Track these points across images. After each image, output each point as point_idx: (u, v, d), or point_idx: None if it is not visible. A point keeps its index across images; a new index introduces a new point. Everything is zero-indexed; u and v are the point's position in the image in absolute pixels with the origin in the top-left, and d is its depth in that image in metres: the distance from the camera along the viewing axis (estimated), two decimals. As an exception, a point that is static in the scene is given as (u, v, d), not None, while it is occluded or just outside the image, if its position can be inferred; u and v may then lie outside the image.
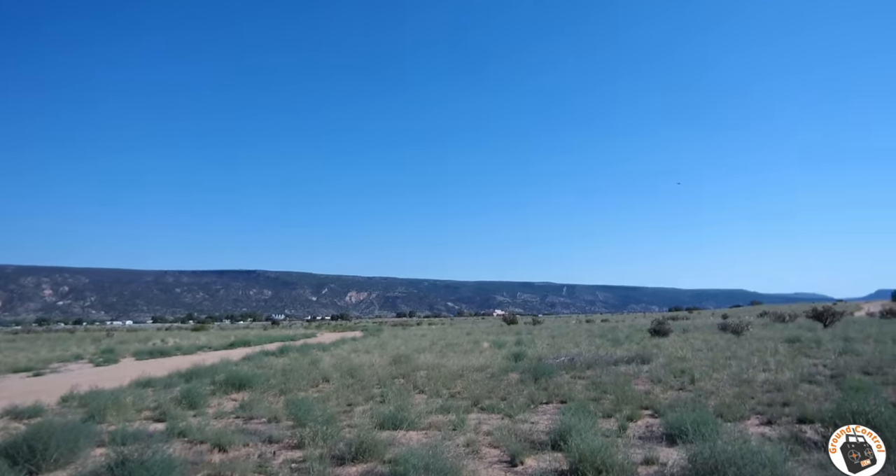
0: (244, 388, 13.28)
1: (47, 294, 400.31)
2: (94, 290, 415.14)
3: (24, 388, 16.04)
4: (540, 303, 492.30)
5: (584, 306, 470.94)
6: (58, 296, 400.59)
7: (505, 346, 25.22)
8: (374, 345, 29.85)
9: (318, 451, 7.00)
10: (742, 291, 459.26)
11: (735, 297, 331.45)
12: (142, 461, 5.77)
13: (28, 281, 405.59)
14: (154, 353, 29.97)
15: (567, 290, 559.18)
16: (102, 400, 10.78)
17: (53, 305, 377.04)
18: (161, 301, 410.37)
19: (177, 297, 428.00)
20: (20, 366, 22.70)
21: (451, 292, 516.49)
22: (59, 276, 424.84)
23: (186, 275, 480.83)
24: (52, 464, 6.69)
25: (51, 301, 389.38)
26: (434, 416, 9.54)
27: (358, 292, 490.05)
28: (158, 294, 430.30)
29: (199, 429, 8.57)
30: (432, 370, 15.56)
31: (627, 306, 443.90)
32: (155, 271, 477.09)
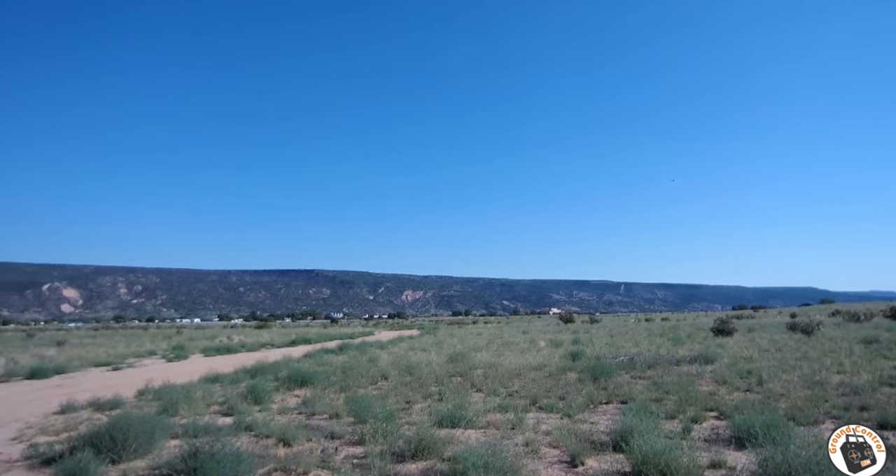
0: (306, 384, 13.63)
1: (122, 293, 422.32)
2: (165, 289, 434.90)
3: (104, 381, 17.00)
4: (597, 301, 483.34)
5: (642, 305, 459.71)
6: (132, 294, 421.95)
7: (562, 345, 24.93)
8: (430, 343, 30.07)
9: (378, 448, 7.11)
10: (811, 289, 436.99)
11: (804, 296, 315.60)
12: (212, 453, 6.01)
13: (105, 280, 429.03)
14: (220, 350, 31.16)
15: (625, 288, 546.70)
16: (175, 394, 11.33)
17: (128, 303, 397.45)
18: (226, 300, 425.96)
19: (240, 295, 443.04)
20: (100, 360, 24.20)
21: (507, 291, 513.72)
22: (132, 275, 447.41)
23: (249, 274, 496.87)
24: (132, 453, 7.06)
25: (126, 299, 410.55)
26: (492, 414, 9.53)
27: (413, 291, 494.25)
28: (223, 293, 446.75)
29: (264, 423, 8.85)
30: (489, 369, 15.55)
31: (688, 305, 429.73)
32: (220, 271, 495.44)
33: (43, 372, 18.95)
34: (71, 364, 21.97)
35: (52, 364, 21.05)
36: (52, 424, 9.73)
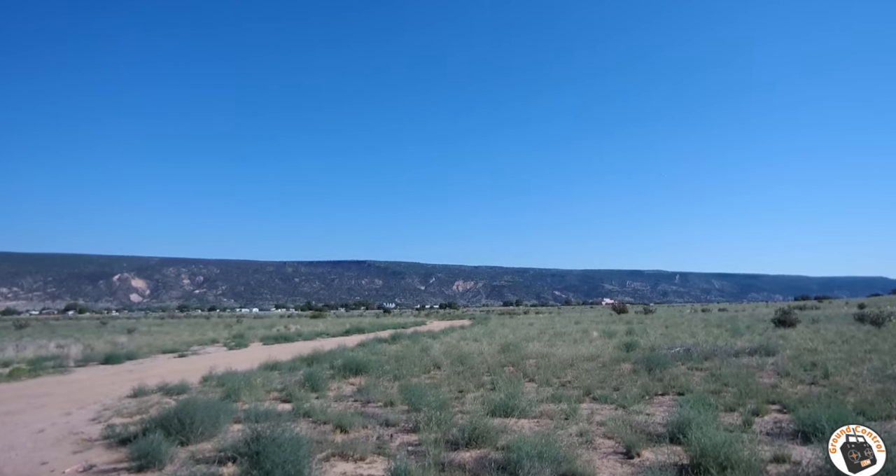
0: (360, 373, 13.93)
1: (186, 283, 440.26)
2: (225, 280, 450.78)
3: (171, 367, 17.85)
4: (651, 291, 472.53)
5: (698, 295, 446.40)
6: (194, 285, 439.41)
7: (615, 335, 24.57)
8: (482, 333, 30.15)
9: (432, 436, 7.23)
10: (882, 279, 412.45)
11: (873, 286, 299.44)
12: (273, 438, 6.23)
13: (170, 271, 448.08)
14: (278, 339, 32.15)
15: (680, 277, 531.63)
16: (236, 380, 11.80)
17: (191, 293, 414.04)
18: (282, 290, 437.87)
19: (296, 286, 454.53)
20: (167, 348, 25.43)
21: (558, 281, 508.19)
22: (195, 266, 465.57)
23: (304, 265, 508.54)
24: (198, 436, 7.43)
25: (189, 289, 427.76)
26: (545, 404, 9.52)
27: (465, 281, 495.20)
28: (280, 283, 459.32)
29: (321, 410, 9.13)
30: (541, 359, 15.49)
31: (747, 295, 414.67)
32: (276, 262, 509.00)
33: (116, 358, 20.10)
34: (140, 351, 23.18)
35: (123, 350, 22.29)
36: (125, 407, 10.32)
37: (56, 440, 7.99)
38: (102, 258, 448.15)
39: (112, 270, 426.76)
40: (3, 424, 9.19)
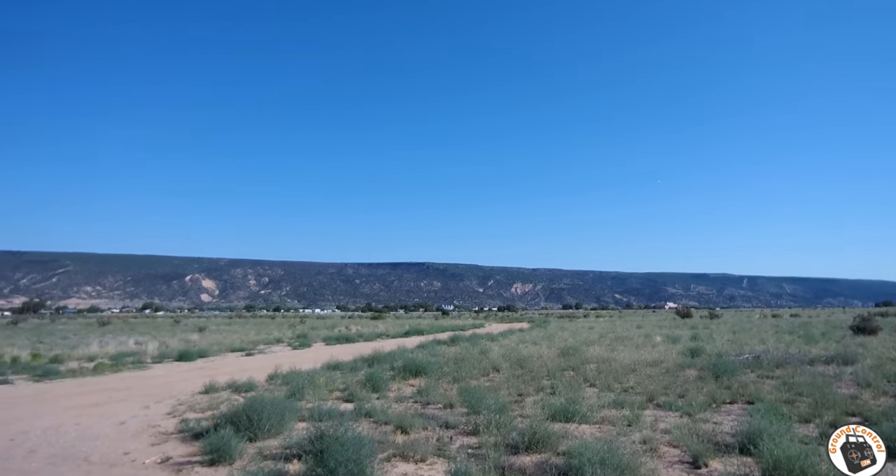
0: (420, 374, 14.07)
1: (252, 284, 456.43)
2: (289, 281, 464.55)
3: (239, 365, 18.56)
4: (716, 295, 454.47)
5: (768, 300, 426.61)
6: (260, 285, 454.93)
7: (679, 340, 23.84)
8: (541, 336, 29.87)
9: (492, 439, 7.22)
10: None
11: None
12: (337, 437, 6.40)
13: (237, 272, 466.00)
14: (340, 339, 32.89)
15: (748, 281, 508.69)
16: (300, 380, 12.14)
17: (257, 294, 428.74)
18: (343, 291, 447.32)
19: (356, 287, 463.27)
20: (235, 346, 26.48)
21: (619, 284, 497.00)
22: (260, 268, 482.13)
23: (364, 267, 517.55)
24: (266, 433, 7.70)
25: (255, 290, 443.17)
26: (607, 410, 9.34)
27: (523, 284, 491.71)
28: (341, 285, 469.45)
29: (382, 411, 9.28)
30: (602, 363, 15.22)
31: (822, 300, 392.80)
32: (337, 264, 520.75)
33: (188, 355, 21.10)
34: (211, 349, 24.21)
35: (195, 348, 23.35)
36: (198, 403, 10.81)
37: (136, 432, 8.46)
38: (176, 259, 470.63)
39: (184, 271, 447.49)
40: (90, 416, 9.81)
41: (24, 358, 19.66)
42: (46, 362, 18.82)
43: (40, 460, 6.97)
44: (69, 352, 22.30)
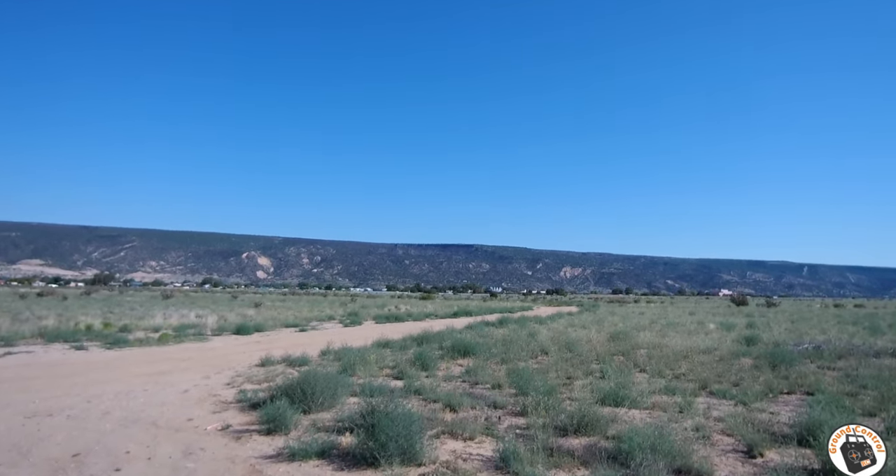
0: (468, 354, 14.19)
1: (305, 262, 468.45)
2: (340, 260, 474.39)
3: (292, 340, 19.15)
4: (774, 283, 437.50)
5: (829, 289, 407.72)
6: (313, 264, 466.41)
7: (734, 328, 23.17)
8: (590, 320, 29.58)
9: (540, 420, 7.24)
10: None
11: None
12: (387, 412, 6.54)
13: (291, 251, 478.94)
14: (389, 318, 33.44)
15: (808, 270, 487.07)
16: (351, 356, 12.46)
17: (310, 272, 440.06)
18: (393, 271, 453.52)
19: (406, 268, 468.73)
20: (289, 322, 27.36)
21: (671, 269, 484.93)
22: (313, 247, 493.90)
23: (414, 248, 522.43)
24: (318, 406, 7.95)
25: (307, 268, 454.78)
26: (657, 396, 9.21)
27: (572, 267, 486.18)
28: (391, 265, 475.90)
29: (431, 389, 9.44)
30: (653, 349, 14.97)
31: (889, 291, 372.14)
32: (387, 244, 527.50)
33: (245, 329, 21.92)
34: (266, 324, 25.06)
35: (252, 323, 24.22)
36: (255, 375, 11.25)
37: (198, 400, 8.89)
38: (234, 237, 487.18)
39: (241, 249, 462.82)
40: (156, 383, 10.36)
41: (97, 327, 20.86)
42: (116, 331, 19.92)
43: (113, 422, 7.42)
44: (136, 322, 23.53)
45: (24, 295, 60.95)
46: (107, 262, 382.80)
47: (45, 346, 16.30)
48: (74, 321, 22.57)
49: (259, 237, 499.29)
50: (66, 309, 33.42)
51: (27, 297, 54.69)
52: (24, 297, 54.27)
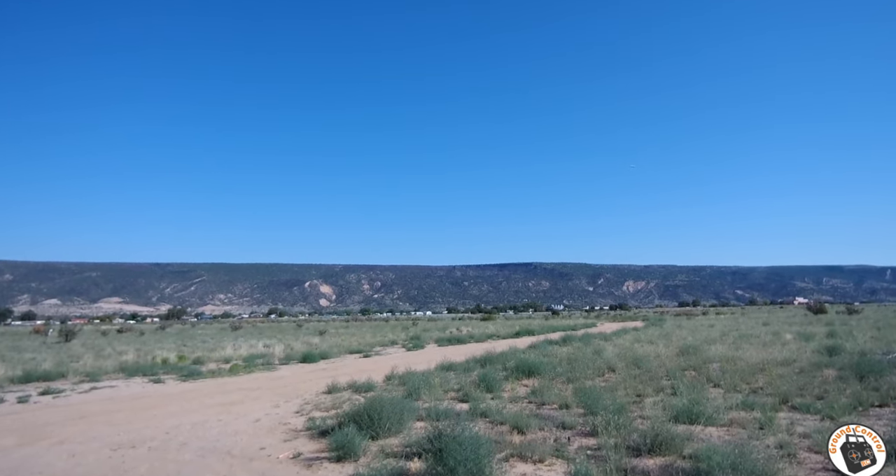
0: (533, 374, 13.99)
1: (366, 288, 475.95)
2: (400, 285, 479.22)
3: (357, 366, 19.41)
4: (854, 289, 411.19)
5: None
6: (373, 290, 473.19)
7: (813, 338, 21.91)
8: (657, 335, 28.67)
9: (612, 440, 7.04)
10: None
11: None
12: (454, 436, 6.52)
13: (352, 277, 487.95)
14: (451, 341, 33.41)
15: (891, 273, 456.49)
16: (416, 380, 12.49)
17: (371, 298, 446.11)
18: (452, 293, 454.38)
19: (465, 289, 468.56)
20: (353, 348, 27.76)
21: (740, 279, 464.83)
22: (373, 273, 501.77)
23: (472, 269, 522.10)
24: (386, 432, 8.00)
25: (368, 294, 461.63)
26: (735, 412, 8.80)
27: (635, 281, 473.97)
28: (450, 287, 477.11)
29: (497, 411, 9.33)
30: (727, 363, 14.34)
31: None
32: (446, 267, 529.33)
33: (311, 357, 22.39)
34: (331, 351, 25.51)
35: (317, 351, 24.72)
36: (322, 402, 11.44)
37: (269, 429, 9.11)
38: (296, 267, 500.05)
39: (304, 278, 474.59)
40: (229, 413, 10.70)
41: (172, 360, 21.76)
42: (190, 364, 20.73)
43: (191, 453, 7.70)
44: (208, 354, 24.42)
45: (105, 332, 64.40)
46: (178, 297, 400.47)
47: (126, 380, 17.12)
48: (151, 355, 23.62)
49: (320, 265, 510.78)
50: (144, 344, 35.07)
51: (108, 334, 57.71)
52: (105, 334, 57.31)
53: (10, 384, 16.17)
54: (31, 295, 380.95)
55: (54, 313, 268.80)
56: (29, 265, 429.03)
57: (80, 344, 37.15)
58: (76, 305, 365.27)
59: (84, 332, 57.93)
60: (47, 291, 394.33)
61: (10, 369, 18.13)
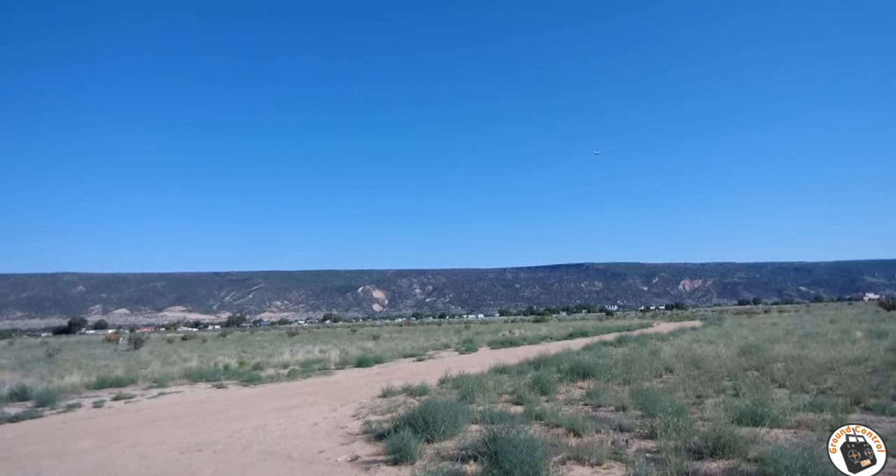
0: (588, 376, 13.78)
1: (417, 293, 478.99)
2: (451, 288, 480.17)
3: (411, 370, 19.58)
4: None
5: None
6: (425, 293, 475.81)
7: (887, 336, 20.74)
8: (716, 334, 27.76)
9: (672, 443, 6.88)
10: None
11: None
12: (510, 439, 6.51)
13: (403, 282, 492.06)
14: (504, 343, 33.30)
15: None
16: (469, 383, 12.49)
17: (423, 302, 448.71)
18: (504, 296, 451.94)
19: (517, 291, 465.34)
20: (406, 352, 28.02)
21: (803, 275, 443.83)
22: (424, 277, 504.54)
23: (523, 271, 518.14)
24: (441, 435, 8.04)
25: (420, 298, 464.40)
26: (802, 413, 8.45)
27: (691, 280, 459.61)
28: (501, 290, 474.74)
29: (552, 413, 9.25)
30: (792, 362, 13.77)
31: None
32: (496, 269, 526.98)
33: (366, 362, 22.72)
34: (385, 355, 25.83)
35: (371, 355, 25.09)
36: (378, 406, 11.60)
37: (327, 433, 9.31)
38: (349, 273, 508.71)
39: (357, 283, 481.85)
40: (288, 417, 10.99)
41: (233, 366, 22.50)
42: (250, 369, 21.37)
43: (253, 456, 7.95)
44: (267, 360, 25.12)
45: (170, 339, 67.25)
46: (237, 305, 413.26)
47: (191, 385, 17.81)
48: (214, 362, 24.49)
49: (372, 271, 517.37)
50: (206, 350, 36.38)
51: (173, 342, 60.20)
52: (170, 342, 59.84)
53: (86, 390, 17.14)
54: (102, 305, 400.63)
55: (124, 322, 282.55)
56: (100, 277, 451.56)
57: (148, 351, 38.91)
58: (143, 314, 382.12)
59: (151, 340, 60.66)
60: (117, 301, 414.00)
61: (85, 376, 19.24)
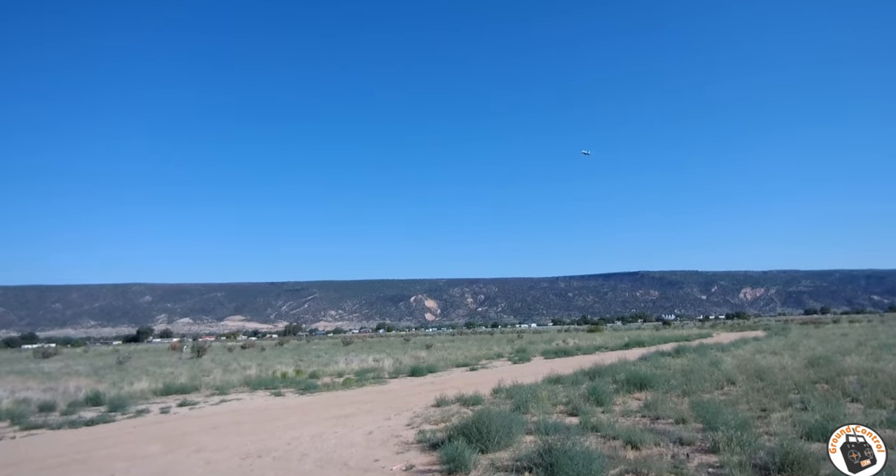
0: (645, 387, 13.45)
1: (469, 302, 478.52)
2: (503, 297, 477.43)
3: (464, 380, 19.58)
4: None
5: None
6: (477, 303, 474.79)
7: (976, 346, 19.42)
8: (781, 345, 26.61)
9: (735, 458, 6.63)
10: None
11: None
12: (565, 450, 6.43)
13: (455, 291, 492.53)
14: (558, 353, 32.87)
15: None
16: (523, 393, 12.41)
17: (475, 311, 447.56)
18: (557, 305, 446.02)
19: (570, 300, 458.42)
20: (459, 362, 28.03)
21: (876, 283, 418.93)
22: (476, 286, 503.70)
23: (576, 280, 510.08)
24: (495, 445, 8.01)
25: (472, 307, 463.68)
26: (879, 429, 7.95)
27: (753, 288, 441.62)
28: (554, 299, 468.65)
29: (608, 425, 9.07)
30: (865, 375, 13.06)
31: None
32: (549, 278, 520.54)
33: (419, 371, 22.85)
34: (438, 364, 25.91)
35: (425, 364, 25.21)
36: (432, 415, 11.65)
37: (382, 441, 9.41)
38: (401, 282, 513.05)
39: (409, 293, 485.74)
40: (344, 425, 11.17)
41: (290, 374, 23.04)
42: (306, 378, 21.83)
43: (311, 463, 8.12)
44: (323, 368, 25.61)
45: (230, 348, 69.38)
46: (293, 314, 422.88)
47: (251, 393, 18.33)
48: (272, 370, 25.15)
49: (424, 280, 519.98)
50: (265, 359, 37.41)
51: (233, 350, 62.15)
52: (230, 350, 61.79)
53: (153, 396, 17.92)
54: (167, 314, 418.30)
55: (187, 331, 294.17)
56: (165, 287, 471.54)
57: (210, 359, 40.35)
58: (205, 323, 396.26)
59: (213, 349, 62.94)
60: (181, 311, 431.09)
61: (153, 383, 20.13)
